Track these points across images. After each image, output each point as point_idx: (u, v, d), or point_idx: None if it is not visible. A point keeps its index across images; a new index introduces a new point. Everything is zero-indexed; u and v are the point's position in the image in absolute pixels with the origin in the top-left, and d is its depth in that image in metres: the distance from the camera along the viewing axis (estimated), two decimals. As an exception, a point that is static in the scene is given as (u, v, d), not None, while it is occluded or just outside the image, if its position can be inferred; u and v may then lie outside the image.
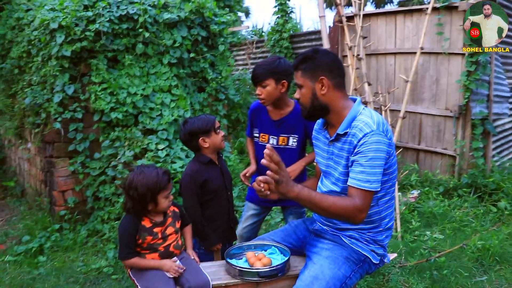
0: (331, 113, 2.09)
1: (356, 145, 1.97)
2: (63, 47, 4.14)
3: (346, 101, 2.10)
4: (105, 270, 3.48)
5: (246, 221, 3.00)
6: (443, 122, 5.22)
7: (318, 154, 2.29)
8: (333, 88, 2.06)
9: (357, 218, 1.95)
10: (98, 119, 4.25)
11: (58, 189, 4.27)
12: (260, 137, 2.87)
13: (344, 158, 2.05)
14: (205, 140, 2.53)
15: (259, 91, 2.66)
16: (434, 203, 4.56)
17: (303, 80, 2.08)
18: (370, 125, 1.97)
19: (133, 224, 2.13)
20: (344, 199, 1.97)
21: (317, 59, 2.06)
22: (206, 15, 4.82)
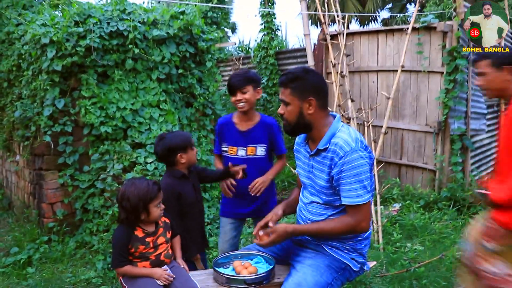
0: (313, 130, 2.22)
1: (337, 162, 2.10)
2: (54, 62, 4.23)
3: (328, 119, 2.23)
4: (94, 281, 3.54)
5: (225, 236, 3.09)
6: (424, 138, 5.42)
7: (299, 166, 2.42)
8: (318, 109, 2.18)
9: (361, 228, 2.17)
10: (88, 132, 4.33)
11: (47, 201, 4.32)
12: (229, 150, 2.99)
13: (326, 172, 2.17)
14: (182, 156, 2.61)
15: (240, 96, 2.84)
16: (415, 216, 4.71)
17: (291, 98, 2.18)
18: (349, 142, 2.10)
19: (126, 234, 2.23)
20: (340, 221, 2.17)
21: (308, 80, 2.17)
22: (194, 32, 4.95)
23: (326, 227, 2.18)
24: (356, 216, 2.13)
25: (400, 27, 5.44)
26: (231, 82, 2.87)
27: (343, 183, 2.10)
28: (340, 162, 2.09)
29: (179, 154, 2.60)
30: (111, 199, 4.09)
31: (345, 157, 2.08)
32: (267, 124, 2.98)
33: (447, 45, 4.98)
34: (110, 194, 4.10)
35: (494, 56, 2.36)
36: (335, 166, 2.11)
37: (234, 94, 2.87)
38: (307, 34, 6.21)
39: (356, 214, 2.13)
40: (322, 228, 2.19)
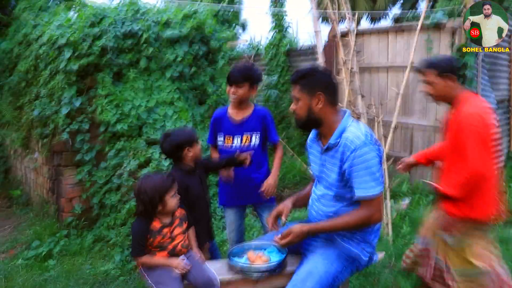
0: (323, 125, 2.32)
1: (348, 156, 2.19)
2: (70, 62, 4.36)
3: (338, 115, 2.33)
4: (112, 272, 3.67)
5: (232, 225, 3.25)
6: (433, 133, 5.47)
7: (312, 161, 2.52)
8: (327, 104, 2.28)
9: (375, 220, 2.27)
10: (104, 130, 4.46)
11: (66, 197, 4.47)
12: (225, 140, 3.13)
13: (337, 166, 2.27)
14: (189, 150, 2.74)
15: (234, 90, 3.00)
16: (424, 210, 4.77)
17: (301, 94, 2.30)
18: (359, 136, 2.19)
19: (145, 224, 2.36)
20: (354, 214, 2.26)
21: (316, 76, 2.29)
22: (207, 31, 5.05)
23: (341, 222, 2.25)
24: (370, 208, 2.22)
25: (409, 24, 5.49)
26: (231, 73, 3.02)
27: (355, 175, 2.19)
28: (351, 155, 2.18)
29: (186, 149, 2.73)
30: (128, 194, 4.22)
31: (356, 150, 2.17)
32: (261, 114, 3.15)
33: (456, 42, 5.03)
34: (126, 189, 4.23)
35: (438, 65, 2.66)
36: (347, 160, 2.20)
37: (230, 85, 3.02)
38: (317, 31, 6.26)
39: (370, 206, 2.22)
40: (336, 224, 2.26)
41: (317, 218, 2.47)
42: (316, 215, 2.47)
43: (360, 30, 6.05)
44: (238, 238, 3.27)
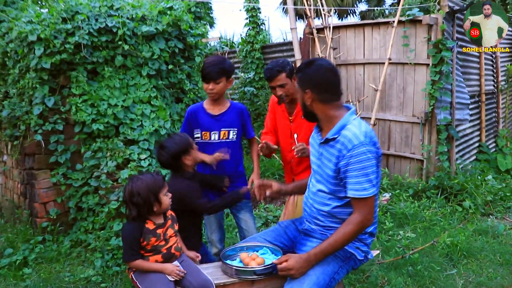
0: (320, 120, 2.30)
1: (345, 155, 2.15)
2: (42, 60, 4.16)
3: (337, 111, 2.27)
4: (93, 279, 3.52)
5: (211, 226, 3.22)
6: (411, 128, 5.54)
7: (312, 153, 2.48)
8: (318, 102, 2.24)
9: (368, 224, 2.22)
10: (79, 130, 4.28)
11: (40, 201, 4.27)
12: (202, 135, 3.09)
13: (333, 163, 2.22)
14: (187, 158, 2.71)
15: (212, 86, 2.97)
16: (405, 204, 4.83)
17: (297, 87, 2.32)
18: (358, 136, 2.14)
19: (138, 227, 2.25)
20: (348, 223, 2.20)
21: (306, 73, 2.25)
22: (183, 27, 4.94)
23: (339, 236, 2.19)
24: (362, 210, 2.17)
25: (386, 20, 5.54)
26: (206, 71, 2.97)
27: (349, 175, 2.15)
28: (348, 154, 2.14)
29: (183, 158, 2.69)
30: (106, 197, 4.07)
31: (353, 150, 2.13)
32: (238, 109, 3.16)
33: (432, 37, 5.09)
34: (105, 192, 4.08)
35: (286, 68, 2.97)
36: (343, 158, 2.16)
37: (207, 82, 2.99)
38: (293, 28, 6.26)
39: (362, 208, 2.18)
40: (335, 240, 2.19)
41: (311, 215, 2.43)
42: (310, 212, 2.43)
43: (336, 25, 6.04)
44: (219, 239, 3.24)
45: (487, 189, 5.22)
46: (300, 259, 2.19)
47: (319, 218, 2.38)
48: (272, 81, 3.01)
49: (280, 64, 3.00)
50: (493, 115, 7.54)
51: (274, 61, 3.08)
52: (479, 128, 6.91)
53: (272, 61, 3.12)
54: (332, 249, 2.22)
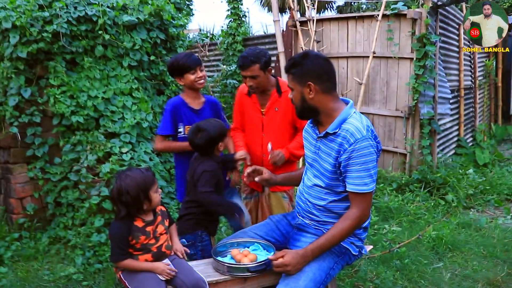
0: (320, 114, 2.22)
1: (346, 149, 2.10)
2: (17, 48, 3.98)
3: (337, 103, 2.22)
4: (74, 277, 3.38)
5: None
6: (394, 122, 5.55)
7: (306, 147, 2.42)
8: (321, 92, 2.17)
9: (365, 220, 2.19)
10: (58, 123, 4.12)
11: (16, 196, 4.09)
12: (186, 130, 3.01)
13: (333, 157, 2.17)
14: (221, 145, 2.67)
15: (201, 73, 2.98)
16: (389, 198, 4.85)
17: (293, 83, 2.21)
18: (361, 130, 2.10)
19: (126, 226, 2.14)
20: (346, 218, 2.15)
21: (305, 65, 2.16)
22: (165, 18, 4.81)
23: (336, 232, 2.14)
24: (361, 205, 2.14)
25: (370, 13, 5.52)
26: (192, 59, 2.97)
27: (350, 170, 2.11)
28: (349, 148, 2.09)
29: (219, 144, 2.65)
30: (87, 192, 3.93)
31: (355, 144, 2.08)
32: (213, 102, 3.16)
33: (417, 31, 5.10)
34: (85, 186, 3.93)
35: (261, 60, 2.85)
36: (344, 152, 2.11)
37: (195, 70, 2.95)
38: (276, 20, 6.18)
39: (361, 202, 2.14)
40: (333, 235, 2.15)
41: (305, 209, 2.38)
42: (305, 206, 2.38)
43: (320, 18, 6.00)
44: None
45: (468, 182, 5.29)
46: (297, 254, 2.14)
47: (314, 213, 2.33)
48: (244, 70, 2.88)
49: (256, 54, 2.85)
50: (470, 110, 7.66)
51: (250, 49, 2.93)
52: (458, 122, 7.00)
53: (248, 49, 2.97)
54: (330, 244, 2.17)
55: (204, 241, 2.63)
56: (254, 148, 3.09)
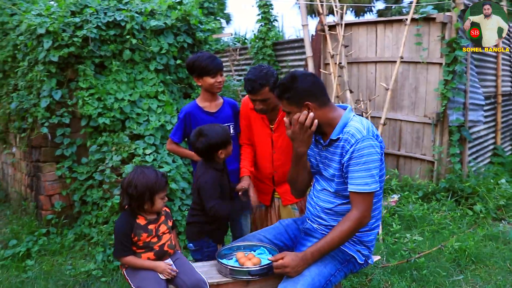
0: (322, 127, 2.22)
1: (348, 150, 2.11)
2: (50, 53, 4.17)
3: (335, 112, 2.23)
4: (94, 273, 3.52)
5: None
6: (422, 129, 5.42)
7: (311, 156, 2.42)
8: (319, 108, 2.17)
9: (365, 222, 2.14)
10: (86, 124, 4.29)
11: (45, 194, 4.29)
12: None
13: (336, 161, 2.18)
14: (222, 153, 2.60)
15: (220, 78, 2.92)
16: (413, 206, 4.73)
17: (290, 107, 2.20)
18: (361, 130, 2.10)
19: (128, 222, 2.21)
20: (345, 220, 2.12)
21: (297, 87, 2.16)
22: (192, 22, 4.90)
23: (335, 234, 2.12)
24: (360, 206, 2.11)
25: (399, 17, 5.42)
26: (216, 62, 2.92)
27: (351, 170, 2.10)
28: (350, 149, 2.10)
29: (219, 151, 2.59)
30: (110, 191, 4.06)
31: (356, 144, 2.08)
32: (232, 103, 3.11)
33: (446, 36, 4.97)
34: (109, 186, 4.07)
35: (270, 81, 2.68)
36: (346, 153, 2.12)
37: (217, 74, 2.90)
38: (305, 25, 6.18)
39: (361, 203, 2.11)
40: (332, 238, 2.12)
41: (314, 214, 2.38)
42: (314, 210, 2.39)
43: (348, 23, 5.94)
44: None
45: (500, 193, 5.08)
46: (296, 257, 2.14)
47: (322, 217, 2.34)
48: (253, 95, 2.72)
49: (263, 76, 2.67)
50: (509, 117, 7.35)
51: (255, 70, 2.72)
52: (495, 130, 6.73)
53: (253, 69, 2.74)
54: (329, 247, 2.15)
55: (211, 247, 2.65)
56: (264, 164, 3.00)
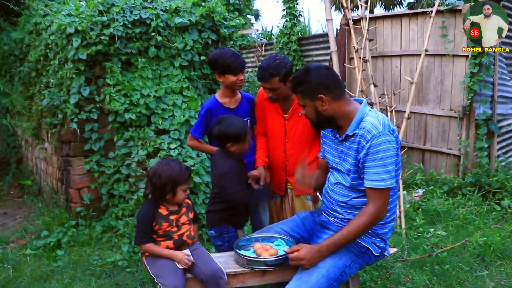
0: (338, 120, 2.25)
1: (364, 146, 2.13)
2: (79, 51, 4.32)
3: (350, 105, 2.25)
4: (120, 263, 3.65)
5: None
6: (448, 123, 5.33)
7: (327, 151, 2.45)
8: (333, 101, 2.20)
9: (382, 217, 2.18)
10: (113, 119, 4.42)
11: (75, 187, 4.45)
12: None
13: (352, 156, 2.21)
14: (233, 145, 2.65)
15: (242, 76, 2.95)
16: (438, 201, 4.67)
17: (304, 101, 2.25)
18: (377, 126, 2.12)
19: (151, 211, 2.32)
20: (361, 215, 2.16)
21: (311, 80, 2.19)
22: (216, 19, 4.96)
23: (352, 228, 2.15)
24: (377, 202, 2.13)
25: (424, 10, 5.34)
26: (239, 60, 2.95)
27: (367, 165, 2.13)
28: (367, 145, 2.12)
29: (230, 143, 2.65)
30: (136, 185, 4.19)
31: (372, 140, 2.10)
32: (250, 98, 3.14)
33: (473, 27, 4.86)
34: (135, 180, 4.20)
35: (281, 72, 2.70)
36: (362, 149, 2.14)
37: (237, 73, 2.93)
38: (329, 19, 6.13)
39: (377, 199, 2.13)
40: (348, 231, 2.16)
41: (329, 207, 2.41)
42: (329, 204, 2.42)
43: (373, 16, 5.89)
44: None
45: (530, 188, 4.95)
46: (312, 249, 2.18)
47: (337, 210, 2.36)
48: (263, 82, 2.78)
49: (275, 66, 2.70)
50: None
51: (270, 59, 2.77)
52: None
53: (268, 58, 2.80)
54: (345, 240, 2.18)
55: (231, 233, 2.73)
56: (277, 154, 3.03)
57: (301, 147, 2.95)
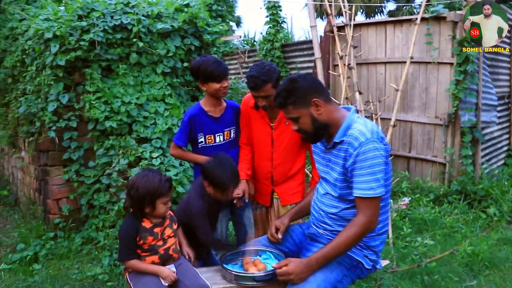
0: (330, 127, 2.16)
1: (352, 153, 2.05)
2: (57, 57, 4.18)
3: (339, 112, 2.18)
4: (100, 277, 3.49)
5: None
6: (433, 130, 5.33)
7: (317, 161, 2.38)
8: (326, 104, 2.14)
9: (372, 227, 2.09)
10: (93, 127, 4.28)
11: (53, 197, 4.29)
12: (207, 139, 2.96)
13: (340, 165, 2.13)
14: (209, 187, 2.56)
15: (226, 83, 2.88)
16: (424, 209, 4.64)
17: (297, 112, 2.14)
18: (365, 133, 2.04)
19: (134, 226, 2.20)
20: (351, 225, 2.08)
21: (300, 86, 2.12)
22: (199, 25, 4.88)
23: (341, 240, 2.07)
24: (367, 212, 2.05)
25: (409, 17, 5.34)
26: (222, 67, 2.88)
27: (356, 174, 2.05)
28: (354, 153, 2.04)
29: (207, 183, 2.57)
30: (117, 195, 4.05)
31: (360, 147, 2.02)
32: (235, 107, 3.07)
33: (457, 35, 4.87)
34: (115, 190, 4.06)
35: (273, 77, 2.66)
36: (350, 157, 2.06)
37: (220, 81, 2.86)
38: (313, 26, 6.11)
39: (367, 208, 2.06)
40: (337, 243, 2.07)
41: (318, 219, 2.33)
42: (318, 216, 2.33)
43: (357, 23, 5.88)
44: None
45: (514, 195, 4.97)
46: (301, 263, 2.08)
47: (327, 222, 2.28)
48: (256, 91, 2.69)
49: (266, 73, 2.64)
50: (524, 117, 7.20)
51: (258, 66, 2.70)
52: (509, 131, 6.60)
53: (256, 66, 2.73)
54: (335, 253, 2.09)
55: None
56: (263, 164, 2.96)
57: (288, 156, 2.89)
